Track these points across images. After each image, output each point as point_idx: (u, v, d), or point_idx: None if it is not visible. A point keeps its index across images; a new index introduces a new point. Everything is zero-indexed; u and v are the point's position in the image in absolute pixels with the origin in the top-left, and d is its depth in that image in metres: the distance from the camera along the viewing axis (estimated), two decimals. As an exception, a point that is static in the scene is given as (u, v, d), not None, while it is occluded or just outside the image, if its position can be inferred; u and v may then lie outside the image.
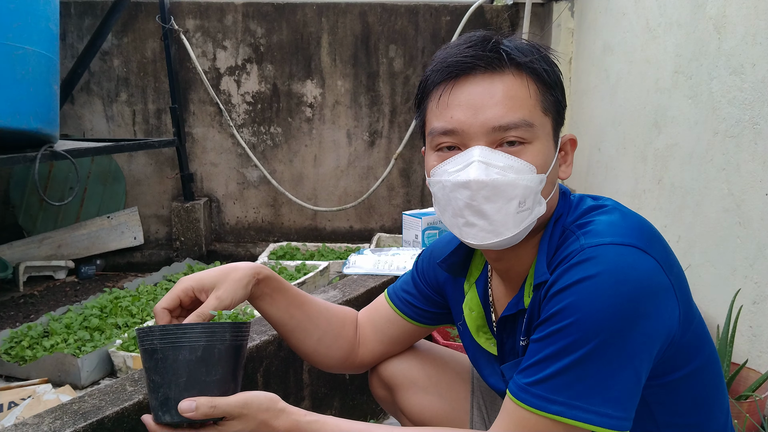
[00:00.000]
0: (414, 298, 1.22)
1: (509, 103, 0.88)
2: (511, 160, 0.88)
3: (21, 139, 2.87)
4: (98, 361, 2.38)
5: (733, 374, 1.62)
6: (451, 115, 0.90)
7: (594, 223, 0.90)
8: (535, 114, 0.90)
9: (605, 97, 3.03)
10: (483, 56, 0.89)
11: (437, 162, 0.93)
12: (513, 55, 0.90)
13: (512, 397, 0.86)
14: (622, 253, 0.83)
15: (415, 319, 1.23)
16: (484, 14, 3.91)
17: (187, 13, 3.92)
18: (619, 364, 0.80)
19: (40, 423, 1.14)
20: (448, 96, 0.91)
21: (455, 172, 0.89)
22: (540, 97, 0.91)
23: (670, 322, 0.85)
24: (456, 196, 0.90)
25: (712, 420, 0.95)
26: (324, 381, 1.84)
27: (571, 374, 0.81)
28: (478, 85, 0.89)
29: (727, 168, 1.85)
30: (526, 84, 0.90)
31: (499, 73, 0.89)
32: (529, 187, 0.88)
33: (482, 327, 1.11)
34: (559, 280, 0.85)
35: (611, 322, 0.79)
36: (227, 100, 4.04)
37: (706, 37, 2.00)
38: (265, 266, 1.12)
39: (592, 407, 0.80)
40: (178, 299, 1.00)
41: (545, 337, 0.84)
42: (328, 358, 1.22)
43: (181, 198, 4.08)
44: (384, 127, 4.07)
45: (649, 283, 0.82)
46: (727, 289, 1.81)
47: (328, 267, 3.23)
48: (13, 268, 3.50)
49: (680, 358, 0.89)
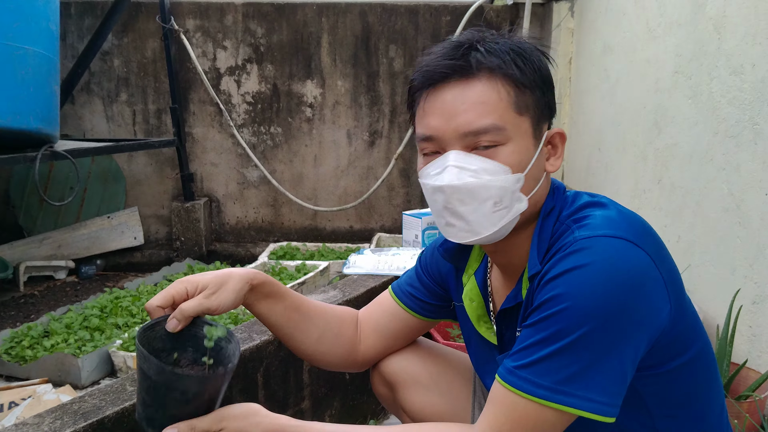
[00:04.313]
0: (418, 291, 1.24)
1: (479, 109, 0.92)
2: (485, 163, 0.92)
3: (21, 139, 2.87)
4: (98, 361, 2.38)
5: (733, 374, 1.62)
6: (428, 122, 0.95)
7: (589, 218, 0.92)
8: (507, 116, 0.93)
9: (605, 97, 3.03)
10: (453, 65, 0.93)
11: (422, 164, 0.98)
12: (482, 61, 0.93)
13: (500, 380, 0.88)
14: (614, 245, 0.85)
15: (419, 312, 1.25)
16: (484, 14, 3.91)
17: (188, 13, 3.92)
18: (605, 352, 0.82)
19: (40, 423, 1.14)
20: (426, 103, 0.96)
21: (435, 175, 0.94)
22: (513, 99, 0.93)
23: (660, 314, 0.87)
24: (435, 199, 0.96)
25: (707, 413, 0.97)
26: (324, 381, 1.85)
27: (558, 360, 0.83)
28: (451, 92, 0.93)
29: (727, 168, 1.86)
30: (498, 88, 0.93)
31: (470, 79, 0.93)
32: (504, 187, 0.92)
33: (482, 317, 1.13)
34: (552, 269, 0.88)
35: (600, 311, 0.82)
36: (227, 100, 4.04)
37: (706, 37, 2.00)
38: (261, 272, 1.13)
39: (577, 392, 0.82)
40: (172, 298, 1.01)
41: (535, 323, 0.87)
42: (329, 356, 1.23)
43: (181, 198, 4.08)
44: (384, 127, 4.08)
45: (639, 274, 0.84)
46: (727, 289, 1.81)
47: (329, 267, 3.23)
48: (13, 268, 3.50)
49: (672, 350, 0.90)
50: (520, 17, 3.85)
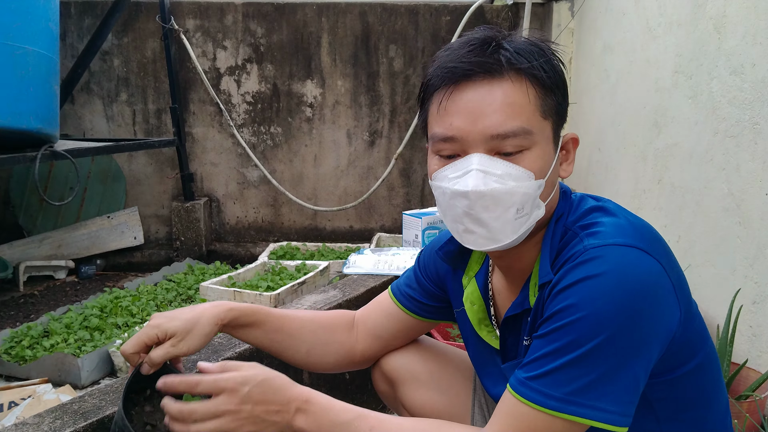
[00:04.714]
0: (416, 292, 1.24)
1: (508, 110, 0.87)
2: (510, 168, 0.88)
3: (21, 139, 2.87)
4: (98, 360, 2.38)
5: (733, 374, 1.62)
6: (450, 122, 0.90)
7: (597, 225, 0.90)
8: (534, 120, 0.89)
9: (605, 97, 3.03)
10: (482, 63, 0.88)
11: (438, 166, 0.93)
12: (513, 60, 0.88)
13: (512, 390, 0.87)
14: (626, 253, 0.84)
15: (417, 314, 1.24)
16: (484, 14, 3.92)
17: (187, 13, 3.92)
18: (619, 362, 0.81)
19: (40, 423, 1.14)
20: (447, 101, 0.90)
21: (455, 179, 0.90)
22: (540, 101, 0.90)
23: (671, 322, 0.86)
24: (455, 204, 0.91)
25: (711, 415, 0.96)
26: (324, 380, 1.85)
27: (570, 370, 0.81)
28: (476, 91, 0.88)
29: (727, 168, 1.85)
30: (526, 89, 0.89)
31: (498, 79, 0.88)
32: (528, 193, 0.89)
33: (484, 320, 1.11)
34: (563, 279, 0.86)
35: (614, 321, 0.80)
36: (227, 99, 4.04)
37: (706, 37, 2.00)
38: (233, 305, 1.16)
39: (589, 402, 0.81)
40: (144, 345, 1.05)
41: (546, 334, 0.85)
42: (323, 363, 1.25)
43: (181, 198, 4.08)
44: (384, 127, 4.07)
45: (652, 283, 0.83)
46: (727, 289, 1.81)
47: (328, 267, 3.23)
48: (13, 268, 3.50)
49: (681, 356, 0.90)
50: (520, 17, 3.85)
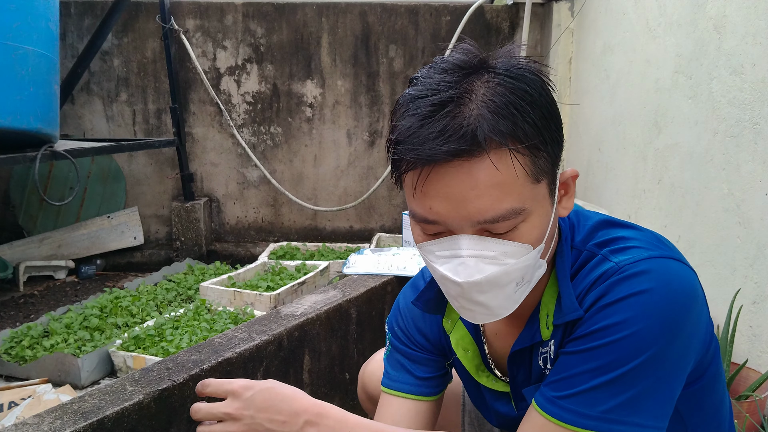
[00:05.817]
0: (414, 366, 1.09)
1: (494, 193, 0.76)
2: (504, 246, 0.79)
3: (21, 139, 2.88)
4: (98, 360, 2.38)
5: (733, 374, 1.62)
6: (429, 205, 0.78)
7: (619, 241, 0.86)
8: (526, 192, 0.78)
9: (605, 97, 3.03)
10: (456, 150, 0.74)
11: (422, 239, 0.83)
12: (492, 135, 0.74)
13: (539, 410, 0.83)
14: (670, 266, 0.81)
15: (433, 391, 1.08)
16: (484, 14, 3.92)
17: (187, 13, 3.92)
18: (659, 378, 0.79)
19: (40, 423, 1.14)
20: (423, 184, 0.77)
21: (444, 259, 0.80)
22: (530, 168, 0.77)
23: (707, 332, 0.86)
24: (447, 285, 0.82)
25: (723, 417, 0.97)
26: (324, 381, 1.84)
27: (611, 389, 0.78)
28: (455, 176, 0.75)
29: (727, 168, 1.85)
30: (511, 163, 0.75)
31: (478, 157, 0.74)
32: (527, 265, 0.81)
33: (480, 366, 1.05)
34: (606, 295, 0.81)
35: (660, 337, 0.78)
36: (227, 100, 4.04)
37: (706, 37, 2.00)
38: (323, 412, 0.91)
39: (626, 418, 0.78)
40: None
41: (586, 351, 0.81)
42: None
43: (181, 198, 4.08)
44: (384, 127, 4.07)
45: (694, 296, 0.82)
46: (727, 289, 1.81)
47: (328, 267, 3.23)
48: (13, 268, 3.50)
49: (705, 361, 0.89)
50: (520, 17, 3.85)
